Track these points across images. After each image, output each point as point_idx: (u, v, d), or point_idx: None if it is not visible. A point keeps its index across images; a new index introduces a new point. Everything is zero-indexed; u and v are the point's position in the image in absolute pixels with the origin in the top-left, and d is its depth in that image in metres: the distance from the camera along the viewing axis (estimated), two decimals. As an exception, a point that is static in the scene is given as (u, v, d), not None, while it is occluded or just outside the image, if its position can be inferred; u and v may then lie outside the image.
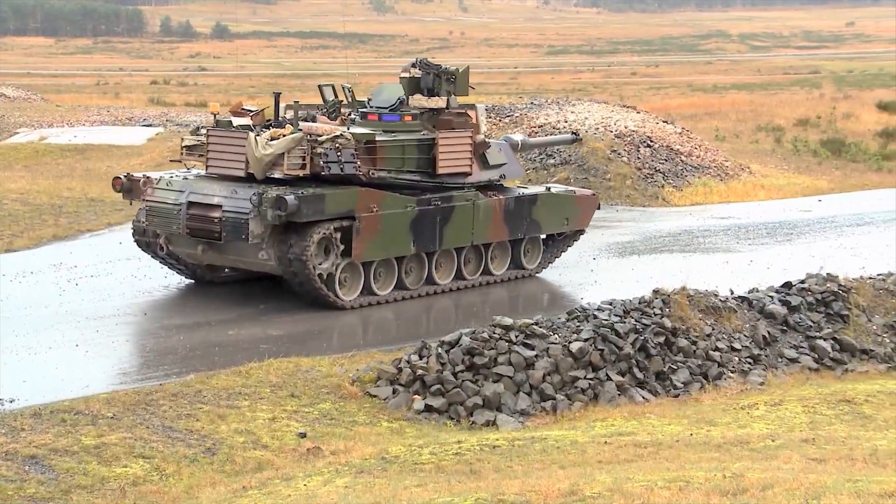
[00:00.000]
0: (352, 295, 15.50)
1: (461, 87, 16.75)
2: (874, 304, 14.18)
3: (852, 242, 21.20)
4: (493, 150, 17.20)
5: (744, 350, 12.98)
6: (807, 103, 49.66)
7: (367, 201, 15.28)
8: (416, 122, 16.15)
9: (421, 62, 16.91)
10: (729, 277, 17.70)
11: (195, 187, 15.30)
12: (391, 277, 15.93)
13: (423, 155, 16.07)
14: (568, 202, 18.17)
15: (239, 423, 10.80)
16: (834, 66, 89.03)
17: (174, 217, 15.29)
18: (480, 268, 17.17)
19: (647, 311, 12.86)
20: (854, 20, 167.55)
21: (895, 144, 36.76)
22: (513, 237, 17.36)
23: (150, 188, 15.61)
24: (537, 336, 12.19)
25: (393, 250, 15.72)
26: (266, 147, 14.80)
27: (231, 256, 15.54)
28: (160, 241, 15.93)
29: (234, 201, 14.84)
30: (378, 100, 16.34)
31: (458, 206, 16.40)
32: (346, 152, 14.96)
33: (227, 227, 14.81)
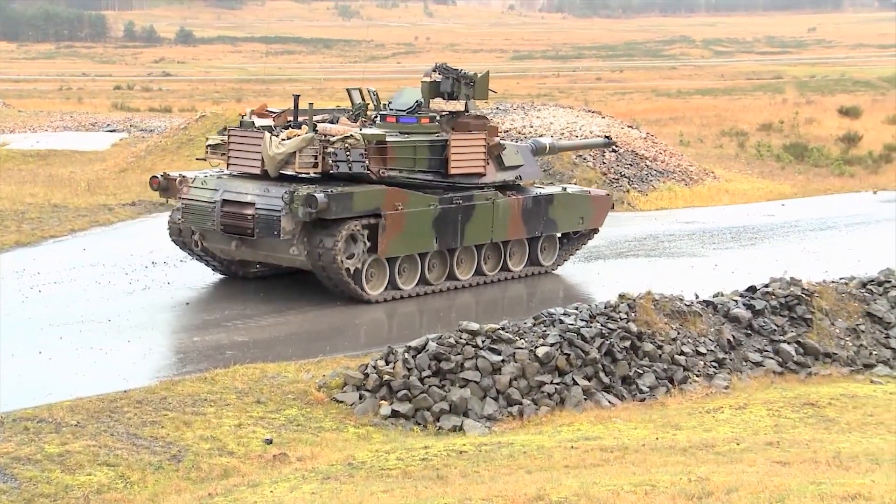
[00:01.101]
0: (378, 289, 16.21)
1: (480, 90, 17.33)
2: (837, 308, 14.31)
3: (815, 247, 21.39)
4: (509, 152, 17.81)
5: (709, 354, 13.05)
6: (770, 108, 50.08)
7: (392, 200, 15.98)
8: (432, 125, 16.72)
9: (441, 67, 17.48)
10: (694, 282, 17.80)
11: (229, 186, 15.98)
12: (415, 273, 16.63)
13: (436, 156, 16.65)
14: (583, 202, 18.85)
15: (205, 430, 10.74)
16: (796, 71, 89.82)
17: (209, 214, 16.01)
18: (499, 264, 17.86)
19: (612, 315, 12.90)
20: (816, 26, 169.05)
21: (857, 150, 37.11)
22: (530, 235, 18.09)
23: (185, 187, 16.34)
24: (504, 341, 12.21)
25: (416, 247, 16.43)
26: (279, 146, 15.52)
27: (263, 252, 16.16)
28: (195, 237, 16.56)
29: (266, 199, 15.53)
30: (397, 103, 17.08)
31: (479, 205, 17.07)
32: (355, 152, 15.55)
33: (259, 224, 15.51)
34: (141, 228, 21.75)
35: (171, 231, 17.14)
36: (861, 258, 19.66)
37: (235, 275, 17.37)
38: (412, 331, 14.41)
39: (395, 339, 13.76)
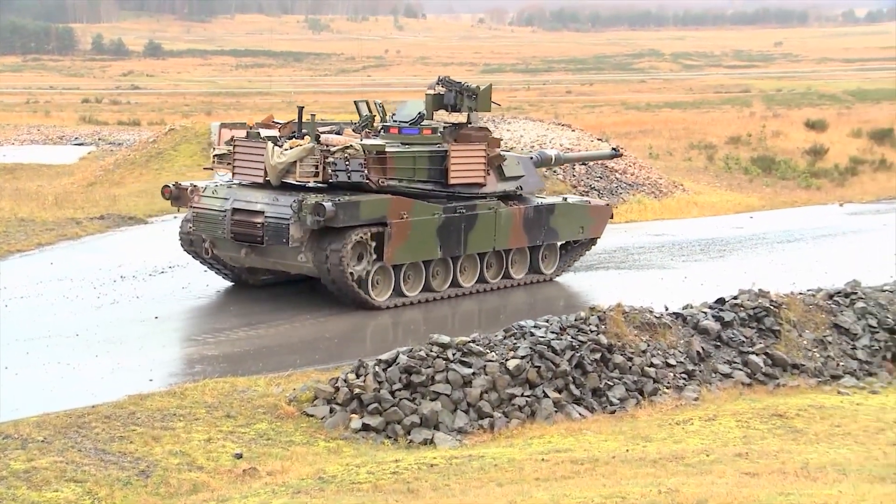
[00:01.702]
0: (384, 296, 16.67)
1: (483, 103, 17.77)
2: (804, 320, 14.40)
3: (783, 258, 21.54)
4: (510, 163, 18.26)
5: (678, 366, 13.10)
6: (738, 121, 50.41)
7: (397, 208, 16.46)
8: (434, 136, 17.18)
9: (444, 80, 17.94)
10: (663, 294, 17.88)
11: (239, 195, 16.46)
12: (419, 280, 17.09)
13: (436, 166, 17.08)
14: (583, 211, 19.33)
15: (174, 445, 10.67)
16: (763, 84, 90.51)
17: (220, 222, 16.45)
18: (501, 272, 18.32)
19: (583, 327, 12.94)
20: (782, 40, 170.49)
21: (823, 162, 37.46)
22: (532, 244, 18.56)
23: (196, 196, 16.81)
24: (474, 354, 12.21)
25: (421, 254, 16.89)
26: (280, 156, 16.05)
27: (272, 259, 16.59)
28: (205, 245, 16.96)
29: (275, 208, 16.01)
30: (401, 114, 17.58)
31: (482, 214, 17.55)
32: (354, 161, 16.00)
33: (269, 232, 15.99)
34: (109, 242, 21.63)
35: (181, 239, 17.53)
36: (828, 270, 19.83)
37: (244, 282, 17.81)
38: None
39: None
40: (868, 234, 24.69)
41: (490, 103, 17.90)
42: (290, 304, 16.84)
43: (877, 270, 19.60)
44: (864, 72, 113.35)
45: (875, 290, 15.49)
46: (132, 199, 27.27)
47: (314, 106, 57.36)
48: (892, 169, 36.67)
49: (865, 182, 34.44)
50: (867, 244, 23.14)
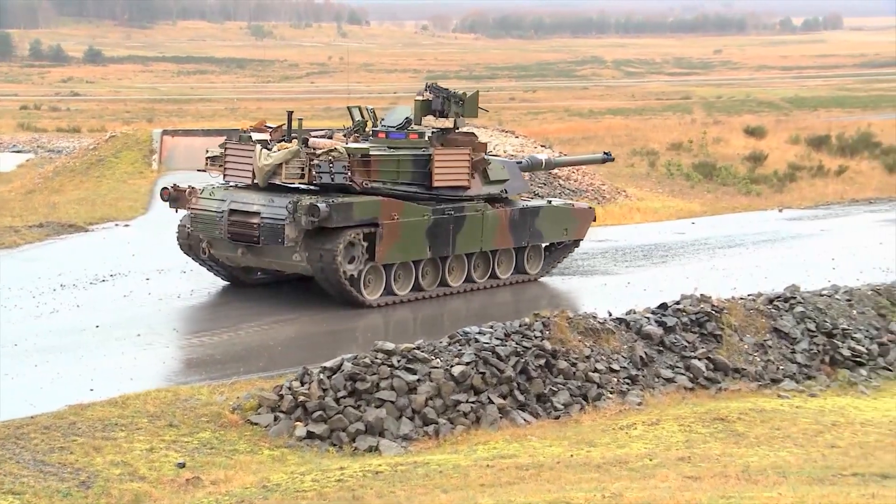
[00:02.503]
0: (375, 294, 17.19)
1: (469, 109, 18.46)
2: (745, 324, 14.57)
3: (724, 264, 21.76)
4: (494, 167, 18.80)
5: (622, 371, 13.19)
6: (679, 128, 50.90)
7: (388, 210, 17.05)
8: (420, 140, 17.74)
9: (431, 87, 18.59)
10: (607, 299, 18.00)
11: (235, 196, 17.05)
12: (409, 279, 17.65)
13: (420, 169, 17.64)
14: (567, 214, 19.99)
15: (115, 455, 10.53)
16: (704, 91, 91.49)
17: (217, 223, 17.05)
18: (488, 272, 18.89)
19: (527, 333, 12.98)
20: (721, 48, 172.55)
21: (762, 168, 37.89)
22: (517, 245, 19.17)
23: (194, 197, 17.41)
24: (419, 360, 12.20)
25: (411, 254, 17.48)
26: (266, 158, 16.70)
27: (267, 258, 17.17)
28: (203, 245, 17.58)
29: (271, 209, 16.62)
30: (389, 119, 18.12)
31: (469, 216, 18.15)
32: (337, 164, 16.60)
33: (264, 232, 16.60)
34: (49, 251, 21.34)
35: (179, 240, 18.10)
36: (768, 275, 20.06)
37: (240, 281, 18.31)
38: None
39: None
40: (806, 239, 25.04)
41: (477, 109, 18.58)
42: (236, 312, 16.73)
43: (815, 275, 19.89)
44: (800, 79, 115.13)
45: (813, 294, 15.73)
46: (72, 207, 26.93)
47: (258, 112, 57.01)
48: (829, 175, 37.20)
49: (804, 188, 34.89)
50: (806, 249, 23.46)
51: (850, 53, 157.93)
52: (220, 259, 17.82)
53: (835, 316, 15.15)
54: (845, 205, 31.56)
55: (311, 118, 46.74)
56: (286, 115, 17.51)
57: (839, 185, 35.52)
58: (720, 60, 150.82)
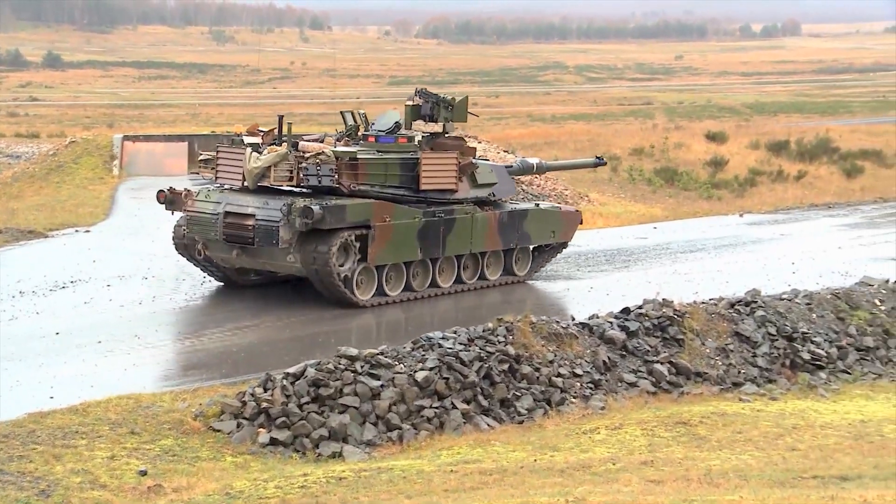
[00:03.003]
0: (367, 295, 17.56)
1: (459, 114, 18.91)
2: (707, 328, 14.66)
3: (686, 268, 21.90)
4: (482, 171, 19.21)
5: (585, 375, 13.24)
6: (641, 133, 51.18)
7: (381, 212, 17.44)
8: (409, 144, 18.17)
9: (421, 92, 18.98)
10: (570, 304, 18.07)
11: (231, 199, 17.38)
12: (400, 280, 18.02)
13: (408, 172, 18.03)
14: (554, 217, 20.42)
15: (75, 463, 10.44)
16: (665, 97, 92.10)
17: (212, 225, 17.39)
18: (477, 273, 19.31)
19: (491, 338, 13.00)
20: (682, 54, 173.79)
21: (723, 173, 38.18)
22: (506, 247, 19.58)
23: (190, 200, 17.75)
24: (383, 366, 12.19)
25: (402, 255, 17.86)
26: (255, 161, 17.09)
27: (261, 260, 17.51)
28: (198, 246, 17.85)
29: (266, 211, 16.97)
30: (379, 124, 18.53)
31: (459, 218, 18.59)
32: (325, 167, 16.99)
33: (259, 234, 16.94)
34: (8, 257, 21.12)
35: (175, 241, 18.36)
36: (729, 279, 20.21)
37: (234, 282, 18.62)
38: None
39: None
40: (767, 243, 25.25)
41: (466, 114, 19.00)
42: (199, 318, 16.64)
43: (776, 279, 20.07)
44: (760, 85, 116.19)
45: (774, 298, 15.86)
46: (31, 213, 26.68)
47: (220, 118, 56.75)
48: (788, 180, 37.56)
49: (764, 193, 35.20)
50: (766, 254, 23.66)
51: (809, 60, 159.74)
52: (214, 260, 18.09)
53: (795, 320, 15.29)
54: (805, 209, 31.89)
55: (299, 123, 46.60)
56: (278, 120, 17.86)
57: (799, 190, 35.88)
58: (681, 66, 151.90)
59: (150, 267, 20.29)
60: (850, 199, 34.48)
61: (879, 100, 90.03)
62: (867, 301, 16.28)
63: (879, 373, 14.95)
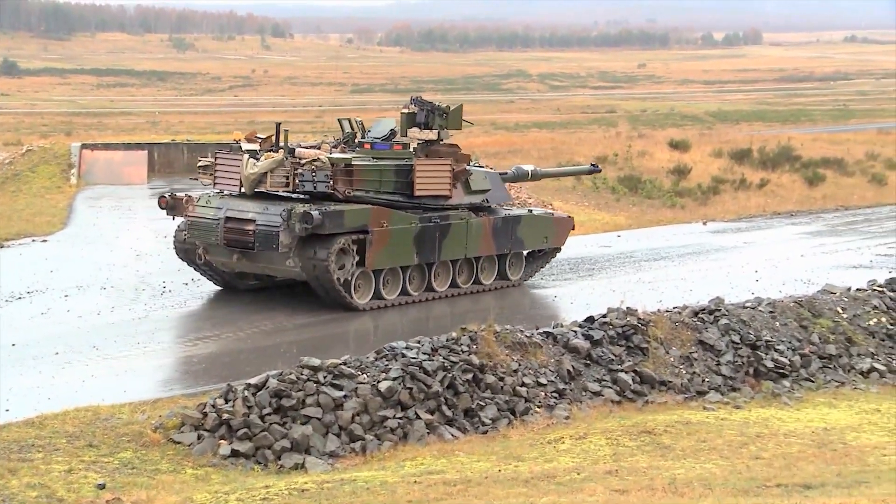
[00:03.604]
0: (365, 298, 18.15)
1: (453, 122, 19.57)
2: (671, 337, 14.72)
3: (650, 277, 22.00)
4: (476, 178, 19.86)
5: (549, 385, 13.25)
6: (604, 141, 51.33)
7: (378, 218, 18.05)
8: (404, 151, 18.79)
9: (416, 100, 19.62)
10: (535, 313, 18.08)
11: (231, 204, 17.98)
12: (397, 284, 18.60)
13: (402, 178, 18.65)
14: (547, 222, 21.15)
15: (32, 477, 10.30)
16: (628, 105, 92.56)
17: (213, 230, 17.94)
18: (472, 278, 19.95)
19: (454, 348, 12.98)
20: (645, 62, 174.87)
21: (687, 182, 38.37)
22: (500, 252, 20.25)
23: (191, 205, 18.31)
24: (345, 376, 12.14)
25: (399, 260, 18.46)
26: (252, 167, 17.71)
27: (261, 264, 18.09)
28: (198, 251, 18.33)
29: (266, 216, 17.54)
30: (375, 131, 19.15)
31: (454, 223, 19.21)
32: (320, 173, 17.61)
33: (259, 238, 17.49)
34: (-37, 267, 20.86)
35: (176, 246, 18.93)
36: (693, 288, 20.33)
37: (233, 287, 19.14)
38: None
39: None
40: (730, 252, 25.43)
41: (461, 122, 19.63)
42: (157, 328, 16.50)
43: (739, 287, 20.21)
44: (722, 93, 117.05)
45: (737, 306, 15.96)
46: (-13, 223, 26.36)
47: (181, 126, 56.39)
48: (751, 188, 37.83)
49: (727, 201, 35.43)
50: (730, 262, 23.83)
51: (770, 68, 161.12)
52: (215, 265, 18.54)
53: (758, 328, 15.38)
54: (767, 217, 32.15)
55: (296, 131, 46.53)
56: (275, 127, 18.31)
57: (761, 198, 36.14)
58: (644, 74, 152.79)
59: (108, 277, 20.12)
60: (812, 207, 34.80)
61: (840, 108, 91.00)
62: (829, 309, 16.42)
63: (842, 381, 15.07)
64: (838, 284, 18.01)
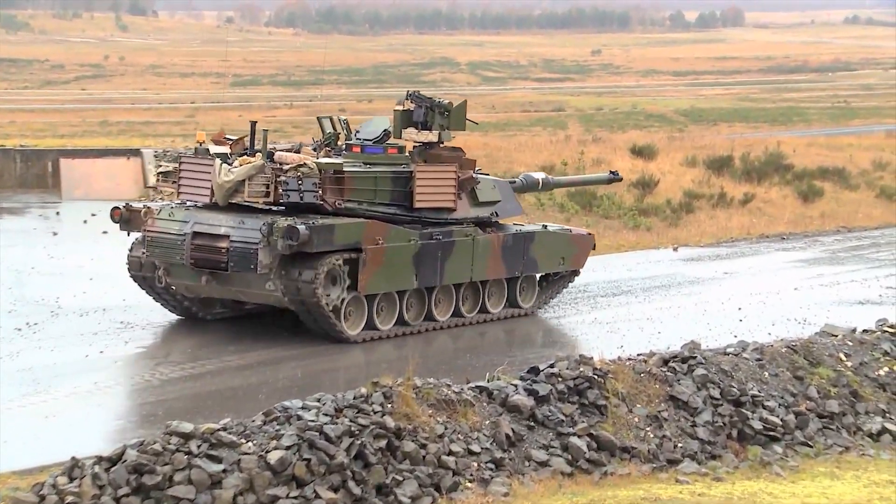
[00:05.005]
0: (357, 329, 18.81)
1: (456, 121, 20.31)
2: (635, 392, 14.81)
3: (608, 316, 22.14)
4: (484, 187, 20.72)
5: (483, 453, 13.25)
6: (550, 147, 51.62)
7: (373, 233, 18.68)
8: (400, 155, 19.54)
9: (413, 95, 20.19)
10: (463, 362, 18.08)
11: (200, 217, 18.47)
12: (392, 312, 19.30)
13: (400, 188, 19.39)
14: (564, 241, 22.02)
15: None
16: (580, 102, 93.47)
17: (178, 247, 18.42)
18: (478, 305, 20.73)
19: (364, 407, 12.95)
20: (600, 48, 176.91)
21: (653, 197, 38.66)
22: (510, 275, 21.01)
23: (150, 219, 18.80)
24: (225, 445, 12.05)
25: (396, 283, 19.13)
26: (227, 174, 18.22)
27: (235, 288, 18.70)
28: (159, 272, 18.87)
29: (242, 231, 18.06)
30: (365, 132, 19.88)
31: (459, 241, 19.91)
32: (307, 181, 18.14)
33: (234, 257, 17.98)
34: None
35: (130, 267, 19.45)
36: (661, 330, 20.53)
37: (195, 315, 19.76)
38: None
39: None
40: (708, 284, 25.72)
41: (465, 121, 20.45)
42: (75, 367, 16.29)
43: (719, 329, 20.44)
44: (696, 87, 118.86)
45: (717, 353, 16.11)
46: None
47: (12, 127, 55.71)
48: (733, 205, 38.28)
49: (703, 221, 35.82)
50: (707, 297, 24.09)
51: (755, 56, 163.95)
52: (177, 289, 19.14)
53: (743, 380, 15.54)
54: (753, 241, 32.62)
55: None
56: (250, 126, 19.02)
57: (745, 217, 36.63)
58: (599, 63, 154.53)
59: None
60: (808, 228, 35.37)
61: (840, 106, 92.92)
62: (830, 355, 16.66)
63: (846, 445, 15.27)
64: (840, 325, 18.29)
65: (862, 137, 59.95)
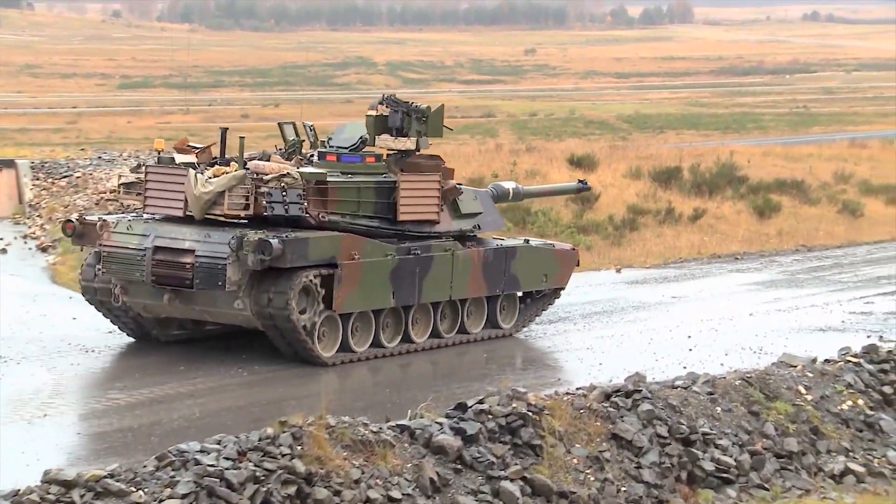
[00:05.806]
0: (331, 350, 19.20)
1: (434, 127, 20.77)
2: (574, 430, 14.87)
3: (544, 345, 22.19)
4: (466, 198, 21.35)
5: (405, 500, 13.27)
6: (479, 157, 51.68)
7: (348, 248, 19.09)
8: (378, 164, 20.09)
9: (389, 99, 20.62)
10: (383, 397, 18.05)
11: (162, 231, 18.80)
12: (368, 333, 19.73)
13: (383, 199, 19.90)
14: (547, 257, 22.66)
15: None
16: (512, 107, 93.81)
17: (137, 263, 18.70)
18: (457, 325, 21.24)
19: (270, 450, 12.92)
20: (534, 47, 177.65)
21: (593, 213, 38.79)
22: (490, 293, 21.57)
23: (107, 232, 19.01)
24: (112, 494, 11.98)
25: (373, 302, 19.60)
26: (205, 185, 18.48)
27: (199, 307, 19.00)
28: (115, 290, 19.11)
29: (208, 245, 18.35)
30: (339, 139, 20.36)
31: (437, 256, 20.39)
32: (292, 193, 18.57)
33: (200, 274, 18.30)
34: None
35: (83, 285, 19.84)
36: (603, 361, 20.59)
37: (149, 337, 19.98)
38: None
39: None
40: (654, 310, 25.85)
41: (443, 127, 21.02)
42: None
43: (666, 359, 20.55)
44: (641, 90, 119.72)
45: (664, 386, 16.23)
46: None
47: None
48: (681, 221, 38.40)
49: (648, 239, 35.95)
50: (653, 324, 24.21)
51: (705, 56, 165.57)
52: (135, 308, 19.40)
53: (693, 416, 15.66)
54: (704, 262, 32.83)
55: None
56: (220, 133, 19.46)
57: (695, 234, 36.85)
58: (533, 64, 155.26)
59: None
60: (764, 247, 35.64)
61: (799, 111, 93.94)
62: (788, 388, 16.83)
63: (807, 487, 15.44)
64: (800, 354, 18.46)
65: (823, 147, 60.51)
